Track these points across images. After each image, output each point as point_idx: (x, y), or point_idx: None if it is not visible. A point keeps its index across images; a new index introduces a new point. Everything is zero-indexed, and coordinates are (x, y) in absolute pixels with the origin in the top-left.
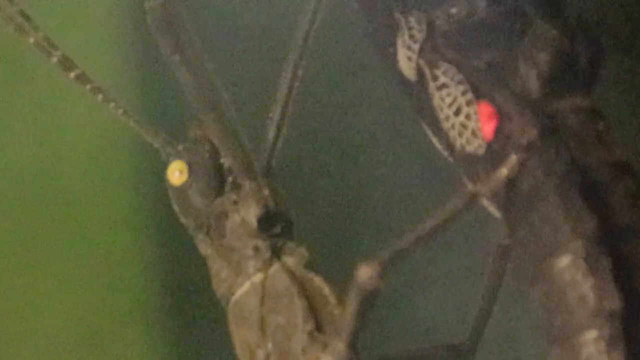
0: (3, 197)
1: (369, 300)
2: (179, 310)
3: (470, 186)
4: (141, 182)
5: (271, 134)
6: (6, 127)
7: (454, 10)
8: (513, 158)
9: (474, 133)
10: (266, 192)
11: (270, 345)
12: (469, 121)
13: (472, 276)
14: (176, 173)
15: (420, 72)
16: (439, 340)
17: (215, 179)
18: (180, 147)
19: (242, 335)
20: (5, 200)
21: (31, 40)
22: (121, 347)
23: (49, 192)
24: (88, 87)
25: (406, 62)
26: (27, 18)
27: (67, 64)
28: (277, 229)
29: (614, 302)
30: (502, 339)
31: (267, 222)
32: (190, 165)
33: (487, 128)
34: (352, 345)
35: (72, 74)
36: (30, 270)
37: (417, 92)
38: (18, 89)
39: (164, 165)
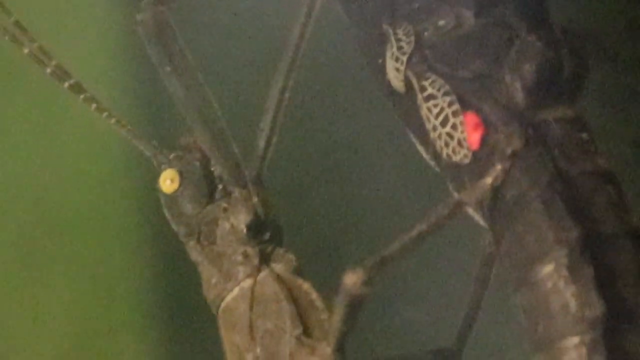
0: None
1: (356, 305)
2: (173, 317)
3: (456, 195)
4: (136, 191)
5: (261, 143)
6: (1, 137)
7: (441, 23)
8: (498, 168)
9: (460, 143)
10: (256, 199)
11: (259, 350)
12: (455, 131)
13: (458, 283)
14: (167, 181)
15: (408, 83)
16: (425, 345)
17: (206, 187)
18: (172, 156)
19: (231, 340)
20: (1, 210)
21: (26, 51)
22: (116, 354)
23: (43, 202)
24: (82, 96)
25: (394, 74)
26: (23, 29)
27: (61, 73)
28: (266, 236)
29: (596, 310)
30: (487, 344)
31: (256, 229)
32: (181, 173)
33: (473, 138)
34: (340, 350)
35: (66, 84)
36: (24, 280)
37: (405, 103)
38: (13, 99)
39: (157, 174)
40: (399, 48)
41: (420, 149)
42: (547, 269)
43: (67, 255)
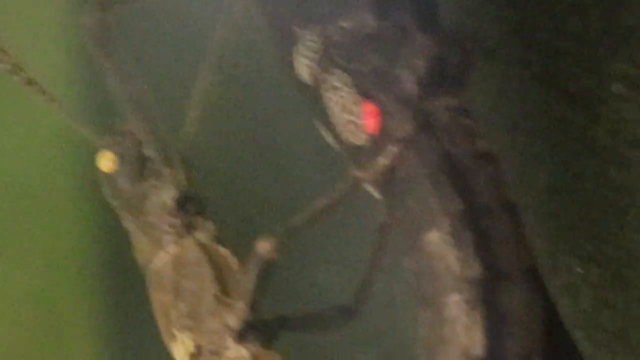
0: None
1: (266, 268)
2: (121, 302)
3: (355, 173)
4: (83, 178)
5: (187, 129)
6: None
7: (345, 25)
8: (391, 149)
9: (359, 128)
10: (181, 177)
11: (182, 307)
12: (355, 118)
13: (358, 249)
14: (105, 161)
15: (315, 78)
16: (329, 303)
17: (139, 166)
18: (110, 140)
19: (158, 299)
20: None
21: None
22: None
23: None
24: (21, 78)
25: (304, 69)
26: None
27: (1, 54)
28: (190, 208)
29: (475, 270)
30: (381, 302)
31: (181, 202)
32: (117, 154)
33: (371, 124)
34: (252, 306)
35: (6, 66)
36: None
37: (312, 94)
38: None
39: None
40: (309, 47)
41: (325, 134)
42: (433, 235)
43: (19, 241)
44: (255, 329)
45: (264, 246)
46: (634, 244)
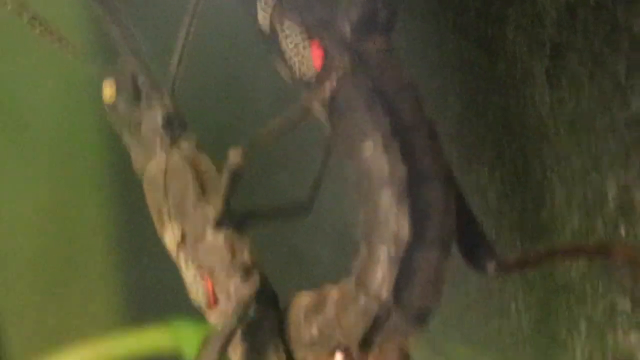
0: None
1: (237, 172)
2: (130, 213)
3: (305, 99)
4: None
5: (173, 65)
6: None
7: None
8: (333, 82)
9: (308, 65)
10: (168, 102)
11: (171, 203)
12: (304, 57)
13: (312, 160)
14: (108, 90)
15: (272, 26)
16: (288, 200)
17: (135, 93)
18: (110, 73)
19: (152, 198)
20: None
21: None
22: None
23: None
24: (27, 16)
25: (263, 20)
26: None
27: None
28: (175, 125)
29: (401, 172)
30: (329, 199)
31: (168, 121)
32: (117, 83)
33: (317, 62)
34: (226, 202)
35: (13, 5)
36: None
37: (271, 40)
38: None
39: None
40: (267, 2)
41: (282, 72)
42: (369, 145)
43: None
44: (229, 219)
45: (234, 154)
46: (528, 153)
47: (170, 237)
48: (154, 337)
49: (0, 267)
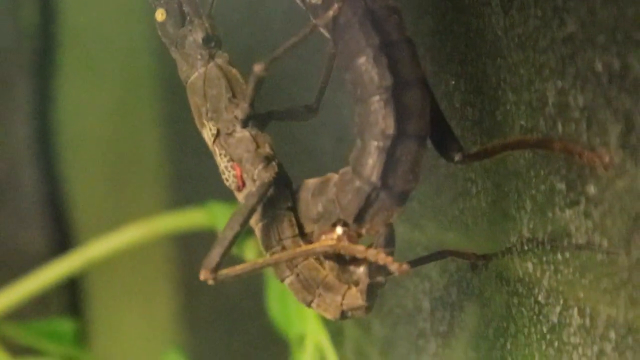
0: None
1: (259, 81)
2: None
3: (313, 21)
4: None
5: None
6: None
7: None
8: (336, 6)
9: None
10: (207, 24)
11: (208, 105)
12: None
13: (317, 71)
14: (159, 14)
15: None
16: (299, 103)
17: (180, 18)
18: (162, 0)
19: (194, 101)
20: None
21: None
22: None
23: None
24: None
25: None
26: None
27: None
28: (212, 44)
29: (387, 80)
30: (332, 103)
31: (206, 40)
32: (166, 10)
33: None
34: (251, 105)
35: None
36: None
37: None
38: None
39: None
40: None
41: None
42: (362, 59)
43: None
44: (253, 119)
45: (258, 67)
46: (486, 66)
47: (207, 133)
48: (194, 216)
49: (74, 160)
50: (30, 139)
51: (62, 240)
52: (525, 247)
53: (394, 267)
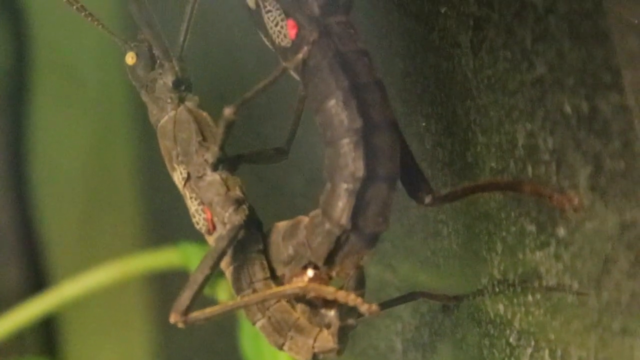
0: None
1: (230, 124)
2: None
3: (283, 64)
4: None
5: (181, 37)
6: None
7: None
8: (305, 49)
9: (285, 36)
10: (177, 68)
11: (178, 149)
12: (282, 29)
13: (287, 112)
14: (130, 58)
15: (257, 3)
16: (269, 146)
17: (151, 61)
18: (132, 44)
19: (164, 145)
20: None
21: None
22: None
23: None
24: (76, 5)
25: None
26: None
27: None
28: (182, 88)
29: (357, 124)
30: (303, 145)
31: (176, 84)
32: (137, 54)
33: (292, 33)
34: (221, 149)
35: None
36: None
37: (256, 15)
38: None
39: (124, 55)
40: None
41: (265, 40)
42: (331, 102)
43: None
44: (223, 162)
45: (228, 111)
46: (457, 108)
47: (178, 176)
48: (167, 256)
49: (49, 198)
50: (3, 177)
51: (37, 279)
52: (497, 289)
53: (364, 308)
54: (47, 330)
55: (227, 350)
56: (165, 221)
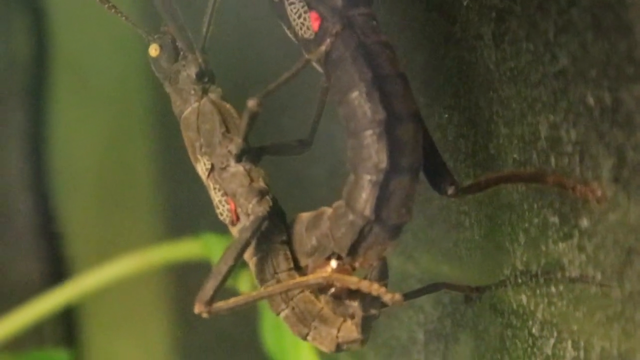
0: None
1: (253, 116)
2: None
3: (306, 56)
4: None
5: (204, 29)
6: None
7: None
8: (328, 41)
9: (308, 28)
10: (200, 60)
11: (202, 140)
12: (305, 21)
13: (310, 104)
14: (153, 50)
15: None
16: (293, 137)
17: (174, 53)
18: (156, 36)
19: (187, 136)
20: None
21: None
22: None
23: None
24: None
25: None
26: None
27: None
28: (205, 79)
29: (380, 115)
30: (326, 137)
31: (199, 75)
32: (160, 46)
33: (315, 25)
34: (244, 140)
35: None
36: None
37: (278, 7)
38: None
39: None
40: None
41: (288, 32)
42: (354, 94)
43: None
44: (247, 153)
45: (251, 102)
46: (479, 99)
47: (201, 167)
48: (187, 247)
49: (68, 191)
50: (24, 169)
51: (57, 271)
52: (519, 280)
53: (387, 297)
54: (66, 322)
55: (248, 342)
56: (188, 211)
